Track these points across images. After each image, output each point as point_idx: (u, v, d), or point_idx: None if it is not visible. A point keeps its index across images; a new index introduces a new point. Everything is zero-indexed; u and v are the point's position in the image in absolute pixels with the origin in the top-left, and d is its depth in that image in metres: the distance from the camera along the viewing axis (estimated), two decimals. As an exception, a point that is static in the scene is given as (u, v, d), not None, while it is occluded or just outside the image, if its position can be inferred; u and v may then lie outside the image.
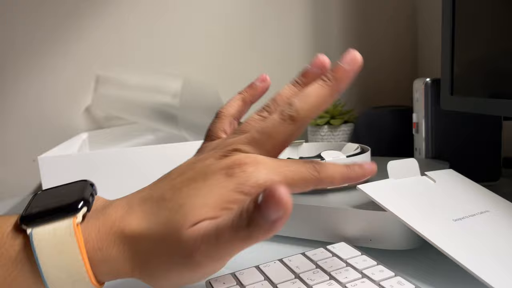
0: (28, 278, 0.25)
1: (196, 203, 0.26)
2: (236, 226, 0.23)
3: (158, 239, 0.25)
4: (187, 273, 0.26)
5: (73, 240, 0.25)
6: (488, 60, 0.43)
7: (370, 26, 0.86)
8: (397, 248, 0.35)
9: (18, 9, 0.71)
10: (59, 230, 0.25)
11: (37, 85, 0.73)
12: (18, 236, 0.25)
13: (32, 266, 0.25)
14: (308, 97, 0.29)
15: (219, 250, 0.24)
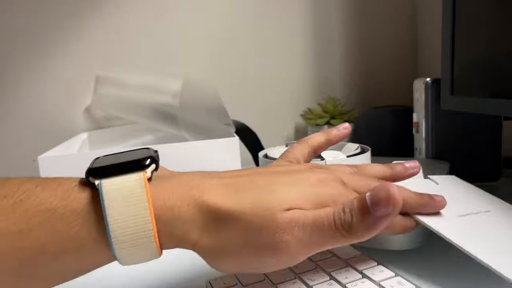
0: (91, 232, 0.24)
1: (290, 191, 0.26)
2: (336, 219, 0.25)
3: (243, 215, 0.25)
4: (263, 256, 0.25)
5: (142, 193, 0.24)
6: (488, 60, 0.43)
7: (370, 26, 0.86)
8: (397, 248, 0.35)
9: (18, 10, 0.71)
10: (128, 182, 0.25)
11: (37, 86, 0.73)
12: (85, 190, 0.25)
13: (97, 220, 0.24)
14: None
15: (312, 238, 0.25)
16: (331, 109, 0.74)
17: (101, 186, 0.24)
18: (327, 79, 0.85)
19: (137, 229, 0.24)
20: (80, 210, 0.24)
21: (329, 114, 0.74)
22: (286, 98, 0.84)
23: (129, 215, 0.24)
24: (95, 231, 0.24)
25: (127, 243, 0.24)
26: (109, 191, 0.24)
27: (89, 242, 0.24)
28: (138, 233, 0.24)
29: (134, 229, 0.24)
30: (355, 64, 0.86)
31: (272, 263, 0.26)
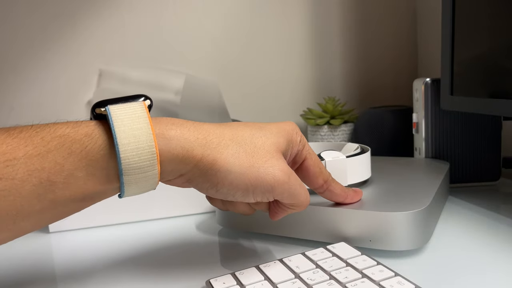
0: (102, 148, 0.27)
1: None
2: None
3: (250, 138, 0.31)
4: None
5: (143, 112, 0.29)
6: (487, 60, 0.43)
7: (370, 26, 0.86)
8: (397, 248, 0.35)
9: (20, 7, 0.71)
10: (131, 106, 0.29)
11: (39, 83, 0.73)
12: (93, 121, 0.29)
13: (107, 137, 0.28)
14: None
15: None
16: (331, 109, 0.74)
17: (108, 109, 0.28)
18: (327, 79, 0.85)
19: (140, 140, 0.28)
20: (91, 132, 0.28)
21: (329, 114, 0.74)
22: (286, 98, 0.84)
23: (134, 128, 0.28)
24: (104, 148, 0.27)
25: (132, 153, 0.27)
26: (115, 111, 0.28)
27: (99, 158, 0.27)
28: (141, 144, 0.27)
29: (137, 141, 0.28)
30: (355, 64, 0.86)
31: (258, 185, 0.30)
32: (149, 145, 0.28)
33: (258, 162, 0.30)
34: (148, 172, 0.28)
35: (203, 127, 0.31)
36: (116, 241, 0.45)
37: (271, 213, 0.35)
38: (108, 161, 0.28)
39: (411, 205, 0.36)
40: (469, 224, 0.42)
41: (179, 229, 0.47)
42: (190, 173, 0.30)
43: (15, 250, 0.45)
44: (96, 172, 0.28)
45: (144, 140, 0.28)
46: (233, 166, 0.30)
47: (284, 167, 0.31)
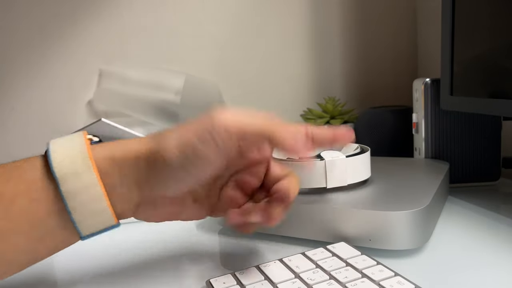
0: (40, 170, 0.28)
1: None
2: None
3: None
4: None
5: (81, 136, 0.30)
6: (487, 60, 0.43)
7: (370, 26, 0.86)
8: (397, 248, 0.35)
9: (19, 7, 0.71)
10: (70, 136, 0.30)
11: (39, 83, 0.73)
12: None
13: (45, 162, 0.29)
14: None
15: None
16: (331, 109, 0.74)
17: (48, 144, 0.29)
18: (327, 79, 0.85)
19: (75, 155, 0.28)
20: (32, 158, 0.29)
21: (329, 114, 0.74)
22: (286, 98, 0.84)
23: (67, 145, 0.29)
24: (44, 169, 0.28)
25: (64, 155, 0.28)
26: (54, 140, 0.29)
27: (37, 179, 0.28)
28: (73, 151, 0.28)
29: (70, 148, 0.28)
30: (355, 64, 0.86)
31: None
32: (81, 151, 0.28)
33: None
34: (84, 177, 0.28)
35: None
36: (116, 241, 0.45)
37: (266, 215, 0.31)
38: (49, 182, 0.28)
39: (410, 204, 0.36)
40: (469, 224, 0.42)
41: (179, 229, 0.47)
42: (136, 172, 0.29)
43: (15, 250, 0.45)
44: (38, 195, 0.28)
45: (77, 147, 0.29)
46: (173, 137, 0.29)
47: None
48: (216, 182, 0.34)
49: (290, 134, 0.29)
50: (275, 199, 0.31)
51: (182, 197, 0.32)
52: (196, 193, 0.33)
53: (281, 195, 0.31)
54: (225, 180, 0.34)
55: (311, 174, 0.41)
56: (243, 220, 0.31)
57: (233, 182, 0.34)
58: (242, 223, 0.32)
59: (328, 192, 0.42)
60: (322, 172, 0.41)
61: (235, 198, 0.34)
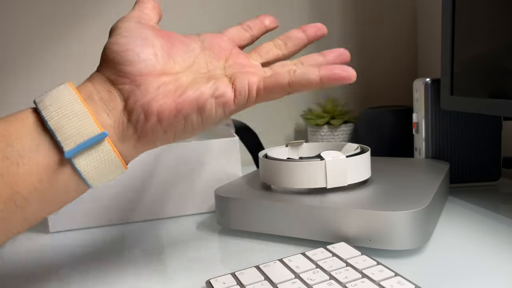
0: (33, 115, 0.28)
1: None
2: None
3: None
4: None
5: (67, 85, 0.29)
6: (487, 60, 0.43)
7: (370, 26, 0.86)
8: (397, 248, 0.35)
9: (19, 7, 0.71)
10: (58, 87, 0.29)
11: (39, 84, 0.73)
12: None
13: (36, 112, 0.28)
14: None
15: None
16: (331, 109, 0.74)
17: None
18: (327, 79, 0.85)
19: (63, 100, 0.28)
20: (23, 110, 0.29)
21: (329, 114, 0.74)
22: (286, 98, 0.84)
23: (55, 95, 0.28)
24: (35, 115, 0.28)
25: (56, 113, 0.27)
26: (41, 97, 0.29)
27: (32, 122, 0.28)
28: (63, 101, 0.28)
29: (60, 101, 0.28)
30: (355, 64, 0.86)
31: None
32: (68, 90, 0.28)
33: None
34: (75, 106, 0.28)
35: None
36: (116, 241, 0.45)
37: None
38: (40, 125, 0.27)
39: (411, 204, 0.36)
40: (469, 224, 0.42)
41: (179, 229, 0.47)
42: (120, 82, 0.29)
43: (15, 250, 0.45)
44: (35, 137, 0.27)
45: (63, 88, 0.29)
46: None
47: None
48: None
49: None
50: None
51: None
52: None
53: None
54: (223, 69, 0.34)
55: (311, 174, 0.41)
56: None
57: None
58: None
59: (328, 192, 0.42)
60: (322, 172, 0.41)
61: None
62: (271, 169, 0.43)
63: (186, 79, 0.31)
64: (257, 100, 0.30)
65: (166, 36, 0.32)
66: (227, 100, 0.29)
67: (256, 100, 0.30)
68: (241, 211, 0.42)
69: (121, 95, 0.29)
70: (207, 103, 0.29)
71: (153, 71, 0.30)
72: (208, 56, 0.33)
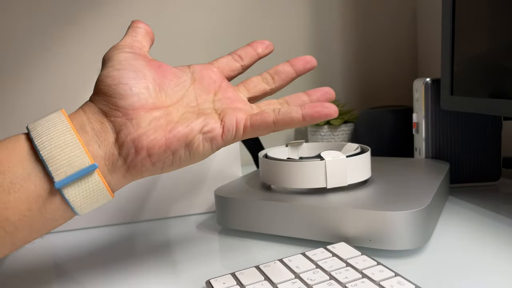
0: (25, 143, 0.28)
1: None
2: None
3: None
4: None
5: (59, 113, 0.30)
6: (487, 60, 0.43)
7: (370, 26, 0.86)
8: (397, 248, 0.35)
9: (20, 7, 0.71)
10: (51, 115, 0.30)
11: (39, 84, 0.73)
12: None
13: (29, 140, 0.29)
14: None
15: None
16: (331, 109, 0.74)
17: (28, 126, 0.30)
18: (327, 79, 0.85)
19: (51, 118, 0.29)
20: (16, 136, 0.29)
21: (329, 114, 0.74)
22: (286, 98, 0.84)
23: (48, 123, 0.29)
24: (28, 144, 0.28)
25: (49, 142, 0.28)
26: (34, 124, 0.29)
27: (25, 153, 0.28)
28: (56, 131, 0.28)
29: (52, 130, 0.28)
30: (355, 64, 0.86)
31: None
32: (61, 119, 0.29)
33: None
34: (67, 136, 0.28)
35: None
36: (116, 241, 0.45)
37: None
38: (33, 155, 0.28)
39: (411, 204, 0.36)
40: (469, 224, 0.42)
41: (179, 229, 0.47)
42: (112, 114, 0.30)
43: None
44: (26, 166, 0.27)
45: (56, 116, 0.29)
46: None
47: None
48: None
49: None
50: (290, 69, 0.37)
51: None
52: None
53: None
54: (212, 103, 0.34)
55: (311, 174, 0.41)
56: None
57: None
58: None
59: (328, 192, 0.42)
60: (322, 172, 0.41)
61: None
62: (271, 169, 0.43)
63: (176, 114, 0.31)
64: (243, 136, 0.31)
65: (157, 67, 0.33)
66: (215, 136, 0.30)
67: (242, 136, 0.31)
68: (241, 211, 0.42)
69: (113, 127, 0.30)
70: (196, 139, 0.30)
71: (145, 105, 0.30)
72: (198, 89, 0.34)
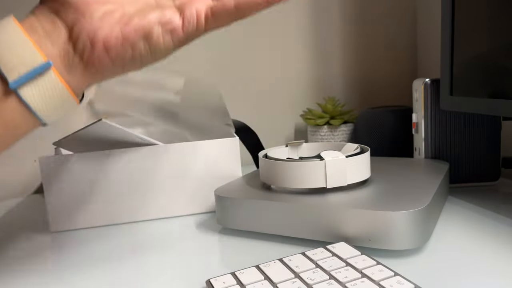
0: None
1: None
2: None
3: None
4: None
5: (10, 19, 0.29)
6: (487, 60, 0.43)
7: (370, 26, 0.86)
8: (397, 247, 0.35)
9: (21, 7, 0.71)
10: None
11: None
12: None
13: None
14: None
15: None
16: (330, 109, 0.74)
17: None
18: (327, 79, 0.86)
19: (5, 30, 0.28)
20: None
21: (328, 114, 0.74)
22: (286, 98, 0.84)
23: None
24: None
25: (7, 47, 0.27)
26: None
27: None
28: (5, 32, 0.28)
29: (2, 33, 0.28)
30: (355, 64, 0.86)
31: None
32: (9, 22, 0.28)
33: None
34: (17, 36, 0.28)
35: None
36: (116, 241, 0.45)
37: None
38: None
39: (410, 204, 0.36)
40: (469, 224, 0.42)
41: (179, 229, 0.48)
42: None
43: (15, 250, 0.45)
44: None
45: (5, 20, 0.28)
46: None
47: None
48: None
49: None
50: None
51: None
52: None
53: None
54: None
55: (311, 174, 0.41)
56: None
57: None
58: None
59: (328, 192, 0.42)
60: (322, 172, 0.41)
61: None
62: (271, 169, 0.43)
63: (132, 8, 0.30)
64: (206, 27, 0.30)
65: None
66: (174, 27, 0.29)
67: (205, 28, 0.30)
68: (241, 211, 0.42)
69: (65, 25, 0.29)
70: (154, 30, 0.29)
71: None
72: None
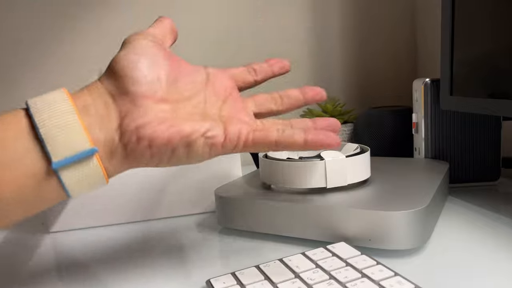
0: (23, 118, 0.28)
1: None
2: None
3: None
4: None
5: (61, 91, 0.29)
6: (487, 60, 0.43)
7: (370, 26, 0.86)
8: (397, 248, 0.35)
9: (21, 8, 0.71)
10: (52, 92, 0.29)
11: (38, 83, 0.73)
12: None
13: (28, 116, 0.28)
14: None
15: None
16: (330, 109, 0.74)
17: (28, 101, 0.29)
18: (327, 79, 0.86)
19: (52, 98, 0.28)
20: (14, 111, 0.28)
21: (328, 114, 0.74)
22: (286, 98, 0.84)
23: (48, 100, 0.28)
24: (27, 119, 0.28)
25: (49, 121, 0.27)
26: (34, 99, 0.28)
27: (23, 127, 0.27)
28: (56, 109, 0.27)
29: (53, 108, 0.28)
30: (355, 64, 0.86)
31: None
32: (62, 98, 0.28)
33: None
34: (69, 117, 0.27)
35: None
36: (116, 241, 0.45)
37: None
38: (32, 131, 0.27)
39: (410, 204, 0.36)
40: (469, 224, 0.42)
41: (179, 229, 0.48)
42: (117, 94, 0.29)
43: (15, 250, 0.45)
44: (25, 142, 0.27)
45: (57, 94, 0.28)
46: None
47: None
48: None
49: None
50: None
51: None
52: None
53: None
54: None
55: (311, 174, 0.41)
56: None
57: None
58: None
59: (328, 192, 0.42)
60: (322, 172, 0.41)
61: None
62: (271, 169, 0.43)
63: (183, 112, 0.31)
64: (243, 149, 0.31)
65: (175, 62, 0.32)
66: (216, 142, 0.30)
67: (242, 149, 0.31)
68: (241, 211, 0.42)
69: (118, 114, 0.29)
70: (197, 141, 0.30)
71: (155, 95, 0.30)
72: (209, 92, 0.33)
